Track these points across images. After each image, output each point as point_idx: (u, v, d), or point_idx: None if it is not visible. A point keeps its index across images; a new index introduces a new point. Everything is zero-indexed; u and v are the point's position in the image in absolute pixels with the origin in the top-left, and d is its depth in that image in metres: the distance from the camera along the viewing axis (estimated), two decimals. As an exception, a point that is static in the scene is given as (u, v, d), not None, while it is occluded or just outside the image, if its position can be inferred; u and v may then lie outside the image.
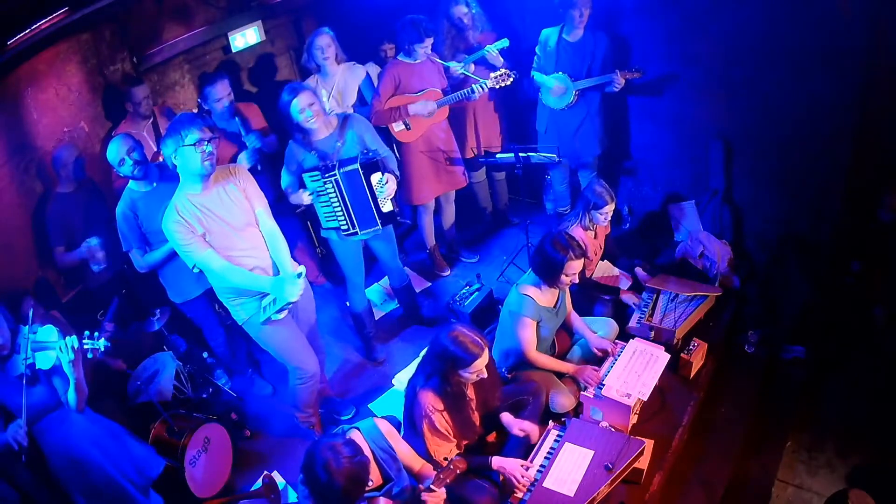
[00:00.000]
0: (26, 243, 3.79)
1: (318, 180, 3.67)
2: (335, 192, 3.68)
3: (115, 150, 3.41)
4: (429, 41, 4.20)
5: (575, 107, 4.51)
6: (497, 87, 4.29)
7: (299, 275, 3.08)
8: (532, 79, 4.62)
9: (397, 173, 3.85)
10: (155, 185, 3.53)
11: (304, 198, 3.77)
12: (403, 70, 4.31)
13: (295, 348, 3.43)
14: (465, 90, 4.31)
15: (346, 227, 3.78)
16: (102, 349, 2.88)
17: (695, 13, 4.15)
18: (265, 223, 3.23)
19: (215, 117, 4.08)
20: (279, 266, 3.21)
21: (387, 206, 3.78)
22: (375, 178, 3.68)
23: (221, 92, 4.00)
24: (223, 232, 3.10)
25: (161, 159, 3.36)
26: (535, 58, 4.60)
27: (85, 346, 2.83)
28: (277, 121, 4.14)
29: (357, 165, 3.61)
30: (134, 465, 3.11)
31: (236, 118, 4.05)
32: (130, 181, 3.51)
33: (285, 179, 3.81)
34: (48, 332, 2.87)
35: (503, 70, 4.29)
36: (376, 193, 3.69)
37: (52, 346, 2.81)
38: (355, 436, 2.74)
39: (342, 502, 2.27)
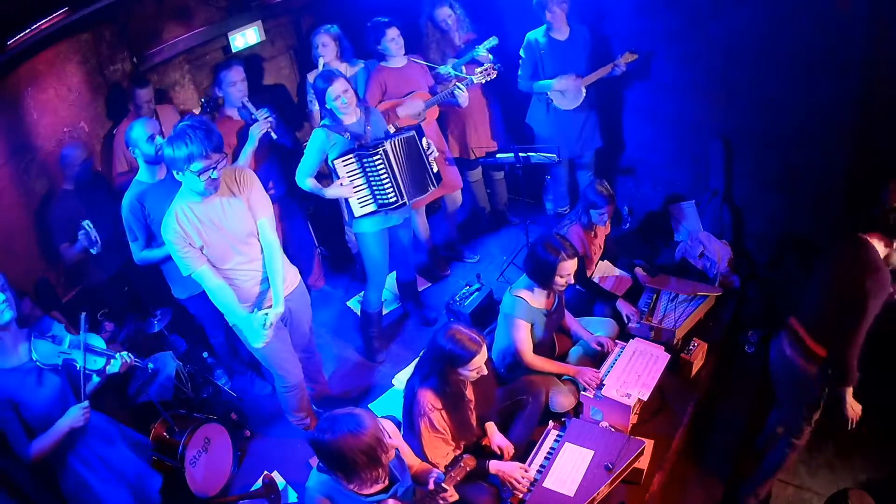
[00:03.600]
0: (27, 244, 3.78)
1: (360, 160, 3.70)
2: (383, 164, 3.71)
3: (142, 129, 3.40)
4: (393, 30, 4.19)
5: (581, 104, 4.51)
6: (484, 81, 4.28)
7: (264, 324, 3.05)
8: (530, 90, 4.58)
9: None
10: (163, 177, 3.48)
11: (343, 190, 3.74)
12: (389, 75, 4.31)
13: (280, 357, 3.43)
14: (450, 89, 4.29)
15: (394, 198, 3.79)
16: (150, 370, 3.13)
17: (695, 13, 4.14)
18: (265, 235, 3.15)
19: (228, 103, 4.10)
20: (271, 285, 3.18)
21: (435, 168, 3.97)
22: (425, 141, 3.88)
23: (236, 76, 4.01)
24: (222, 243, 3.05)
25: None
26: (521, 63, 4.54)
27: (136, 364, 3.10)
28: (281, 118, 4.14)
29: (413, 132, 3.82)
30: (136, 473, 3.14)
31: (248, 108, 4.02)
32: (139, 173, 3.48)
33: (307, 168, 3.75)
34: (98, 340, 3.00)
35: (488, 64, 4.27)
36: (429, 155, 3.89)
37: (104, 354, 2.96)
38: None
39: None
